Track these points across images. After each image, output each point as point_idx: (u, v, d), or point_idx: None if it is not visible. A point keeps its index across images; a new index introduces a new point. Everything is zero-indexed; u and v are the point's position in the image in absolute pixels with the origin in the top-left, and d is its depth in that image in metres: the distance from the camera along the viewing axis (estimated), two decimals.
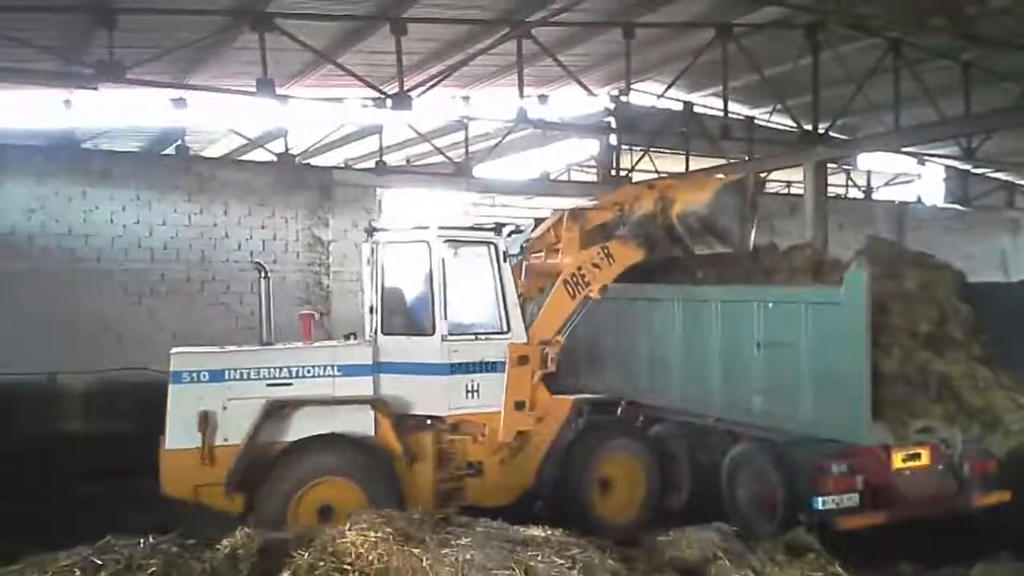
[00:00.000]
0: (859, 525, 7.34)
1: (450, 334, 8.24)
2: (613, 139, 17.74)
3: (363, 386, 8.09)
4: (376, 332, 8.35)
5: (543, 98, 15.83)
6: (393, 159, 17.57)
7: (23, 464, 10.10)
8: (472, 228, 9.64)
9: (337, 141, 17.42)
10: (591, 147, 18.98)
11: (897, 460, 7.61)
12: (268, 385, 7.88)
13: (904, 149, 16.96)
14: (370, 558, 3.95)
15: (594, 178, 19.20)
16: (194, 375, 7.74)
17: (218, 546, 4.13)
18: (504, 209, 22.27)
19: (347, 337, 8.75)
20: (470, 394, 8.33)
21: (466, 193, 19.35)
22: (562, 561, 4.00)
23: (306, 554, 3.94)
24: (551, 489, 8.56)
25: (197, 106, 12.80)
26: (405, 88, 12.03)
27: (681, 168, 17.71)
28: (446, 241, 8.43)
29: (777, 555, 4.79)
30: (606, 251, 9.14)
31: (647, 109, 16.65)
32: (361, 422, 7.94)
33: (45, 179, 12.91)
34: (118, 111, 13.71)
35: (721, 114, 14.76)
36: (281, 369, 7.95)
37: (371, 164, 16.33)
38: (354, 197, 15.05)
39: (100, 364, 12.17)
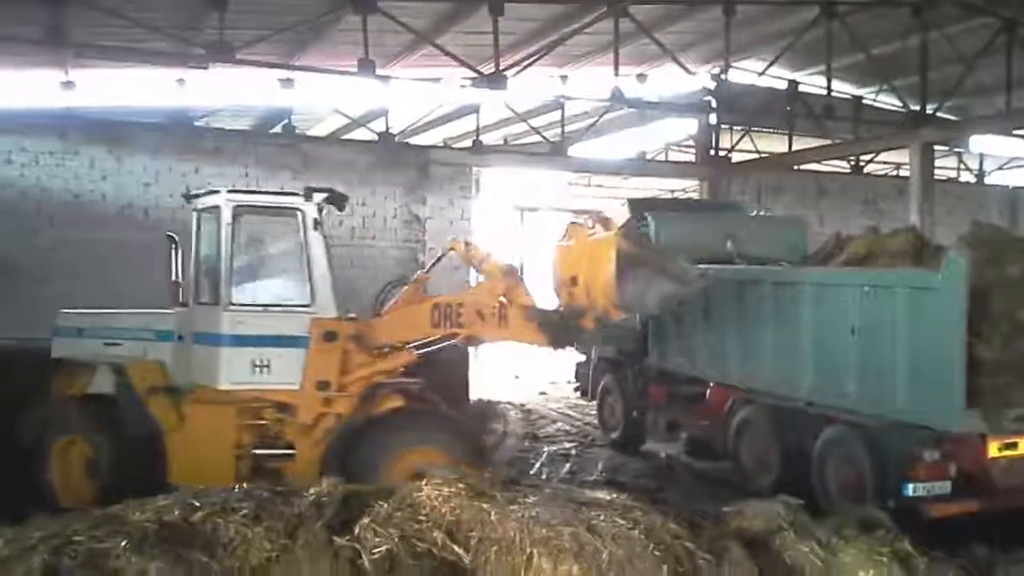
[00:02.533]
0: (950, 513, 7.22)
1: (236, 304, 7.87)
2: (712, 118, 17.47)
3: (164, 352, 8.13)
4: (190, 300, 8.27)
5: (641, 77, 15.70)
6: (490, 138, 17.76)
7: None
8: (280, 193, 9.02)
9: (435, 121, 17.70)
10: (689, 126, 18.74)
11: (993, 449, 7.39)
12: (105, 344, 8.38)
13: (1016, 132, 16.17)
14: (443, 510, 4.19)
15: (692, 158, 18.99)
16: (67, 331, 8.69)
17: (304, 493, 4.41)
18: (600, 189, 22.29)
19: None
20: (257, 368, 7.78)
21: (562, 173, 19.48)
22: (624, 522, 4.13)
23: (385, 504, 4.18)
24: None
25: (303, 86, 13.20)
26: (501, 68, 12.14)
27: (784, 147, 17.33)
28: (238, 206, 8.05)
29: (845, 529, 4.77)
30: (503, 313, 8.11)
31: (748, 87, 16.32)
32: (106, 384, 8.18)
33: (160, 155, 13.62)
34: (228, 90, 14.27)
35: (825, 93, 14.37)
36: (116, 331, 8.40)
37: (468, 143, 16.58)
38: (451, 176, 15.34)
39: None
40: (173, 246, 8.59)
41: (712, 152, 17.41)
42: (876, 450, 7.79)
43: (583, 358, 13.51)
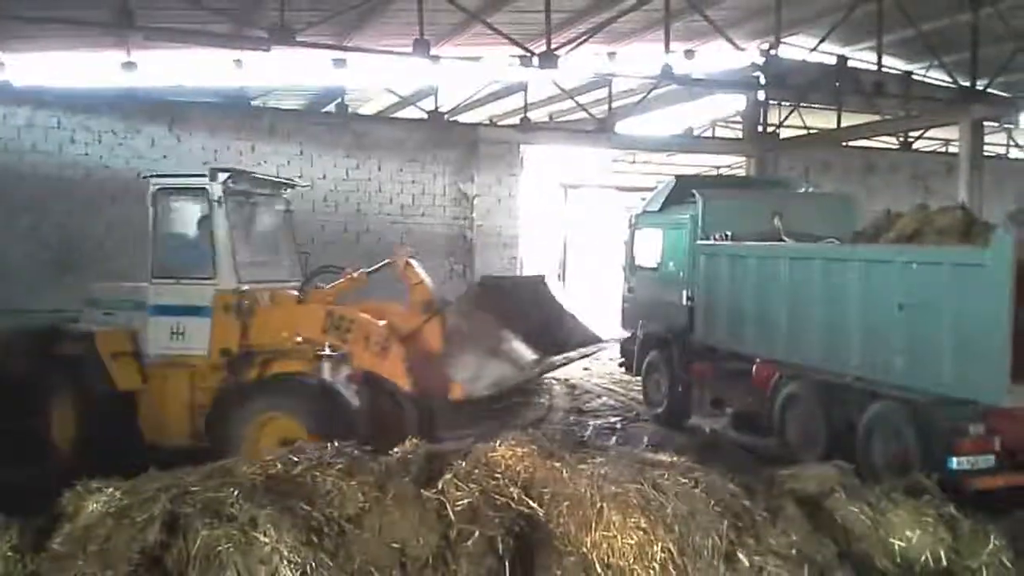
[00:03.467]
0: (994, 486, 7.32)
1: (157, 277, 8.63)
2: (761, 94, 17.46)
3: (139, 322, 8.77)
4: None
5: (689, 53, 15.74)
6: (537, 116, 17.92)
7: None
8: (188, 175, 9.38)
9: (483, 99, 17.91)
10: (737, 102, 18.74)
11: None
12: (104, 314, 9.08)
13: None
14: (518, 469, 4.49)
15: (739, 134, 19.01)
16: (87, 303, 9.39)
17: (391, 452, 4.77)
18: (645, 166, 22.37)
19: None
20: (175, 336, 8.50)
21: (608, 150, 19.60)
22: (686, 481, 4.39)
23: (463, 463, 4.51)
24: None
25: (355, 66, 13.50)
26: (552, 46, 12.31)
27: (832, 124, 17.30)
28: (159, 188, 8.74)
29: (893, 493, 5.00)
30: (386, 346, 7.94)
31: (797, 63, 16.29)
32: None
33: (218, 133, 14.02)
34: (284, 71, 14.62)
35: (875, 69, 14.34)
36: (110, 303, 9.12)
37: (515, 121, 16.78)
38: (498, 153, 15.56)
39: None
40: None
41: (760, 128, 17.42)
42: (922, 425, 7.90)
43: (628, 334, 13.70)
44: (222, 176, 8.54)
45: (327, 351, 8.06)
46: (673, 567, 4.05)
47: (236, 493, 4.16)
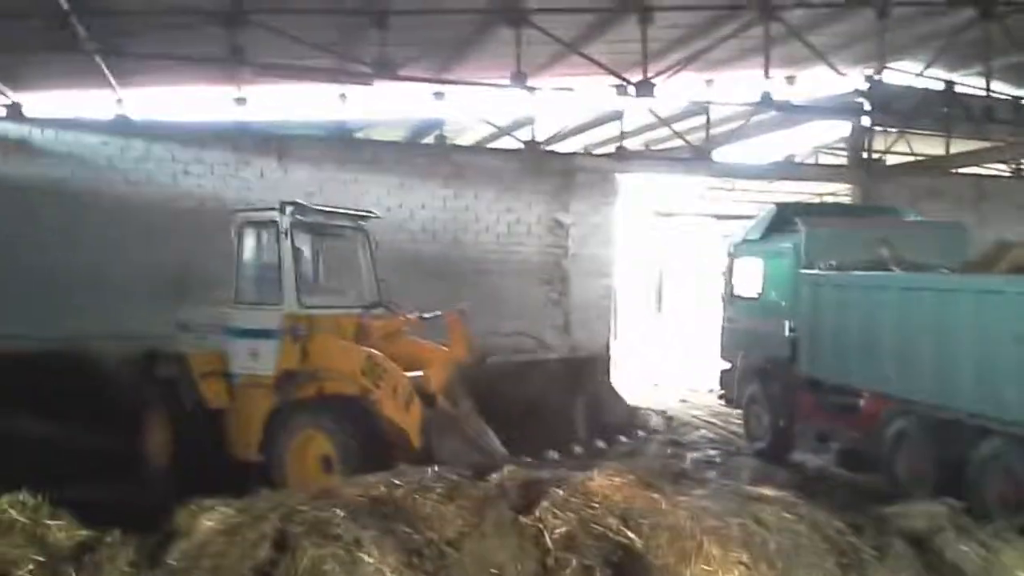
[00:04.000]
0: None
1: (239, 302, 9.39)
2: (865, 120, 17.04)
3: (224, 344, 9.40)
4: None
5: (790, 79, 15.52)
6: (633, 144, 17.91)
7: None
8: (264, 208, 9.86)
9: (579, 128, 18.00)
10: (841, 129, 18.33)
11: None
12: (196, 338, 9.69)
13: None
14: (616, 498, 4.48)
15: (843, 161, 18.57)
16: (178, 327, 10.05)
17: (488, 478, 4.83)
18: (743, 194, 22.05)
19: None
20: (253, 356, 9.07)
21: (705, 177, 19.40)
22: (790, 516, 4.30)
23: (561, 491, 4.53)
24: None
25: (454, 98, 13.77)
26: (648, 75, 12.31)
27: (941, 150, 16.75)
28: (242, 221, 9.68)
29: (1006, 532, 4.78)
30: (409, 400, 8.20)
31: (903, 89, 15.87)
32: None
33: (323, 165, 14.44)
34: (386, 104, 15.02)
35: (984, 94, 13.84)
36: (200, 326, 9.77)
37: (611, 149, 16.79)
38: (594, 182, 15.57)
39: None
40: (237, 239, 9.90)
41: (865, 155, 16.98)
42: None
43: (728, 365, 13.49)
44: (289, 208, 9.19)
45: None
46: None
47: (341, 514, 4.27)
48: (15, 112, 13.17)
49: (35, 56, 11.72)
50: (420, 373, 8.47)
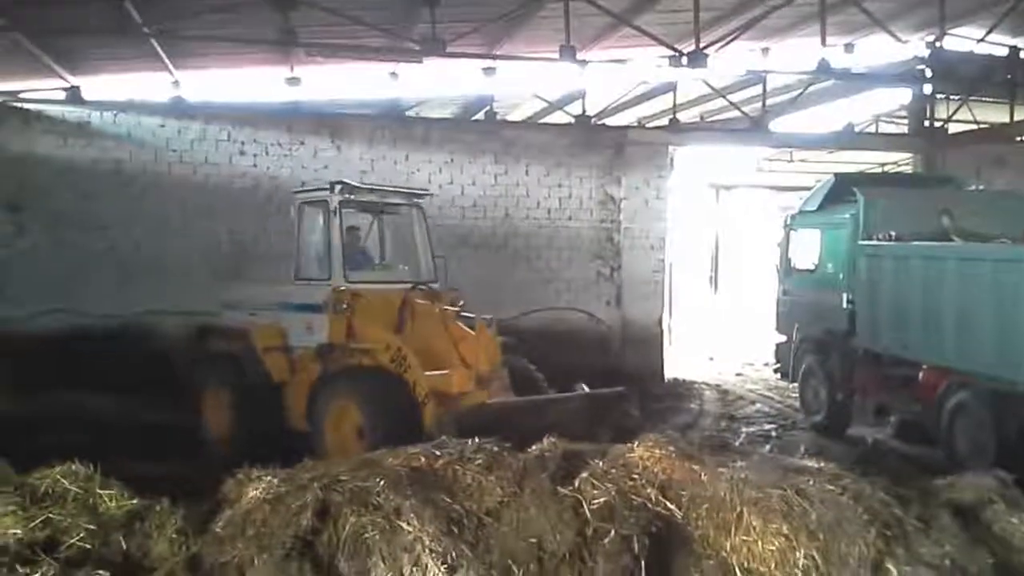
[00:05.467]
0: None
1: (299, 278, 9.77)
2: (927, 88, 16.53)
3: (284, 319, 9.73)
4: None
5: (848, 47, 15.12)
6: (687, 116, 17.66)
7: None
8: (317, 188, 10.24)
9: (631, 101, 17.79)
10: (902, 97, 17.82)
11: None
12: (249, 314, 9.98)
13: None
14: (655, 470, 4.48)
15: (904, 129, 18.07)
16: (228, 304, 10.46)
17: (529, 450, 4.87)
18: (801, 164, 21.62)
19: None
20: (308, 330, 9.36)
21: (762, 148, 19.07)
22: (833, 488, 4.24)
23: (600, 462, 4.53)
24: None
25: (504, 74, 13.72)
26: (701, 45, 12.11)
27: (1005, 118, 16.19)
28: (300, 201, 10.07)
29: None
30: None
31: (965, 55, 15.35)
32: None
33: (375, 144, 14.54)
34: (437, 81, 15.05)
35: None
36: (255, 303, 10.10)
37: (663, 122, 16.58)
38: (646, 155, 15.38)
39: None
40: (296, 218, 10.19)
41: (926, 123, 16.49)
42: None
43: (784, 339, 13.31)
44: (337, 188, 9.59)
45: None
46: (817, 574, 3.92)
47: (382, 483, 4.34)
48: (74, 96, 13.50)
49: (93, 39, 12.00)
50: (445, 373, 8.68)
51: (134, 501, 4.61)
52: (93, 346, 12.30)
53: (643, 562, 3.98)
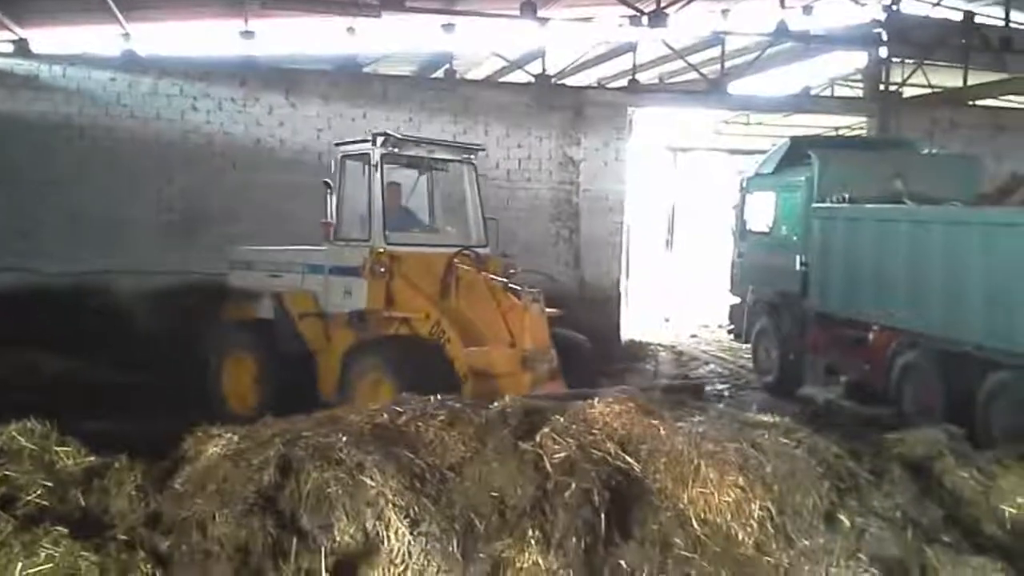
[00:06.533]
0: None
1: (337, 239, 8.97)
2: (883, 51, 16.70)
3: (315, 283, 9.11)
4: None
5: (807, 9, 15.19)
6: (646, 77, 17.63)
7: None
8: (360, 141, 9.30)
9: (590, 61, 17.72)
10: (858, 60, 17.99)
11: None
12: (269, 276, 9.57)
13: None
14: (615, 425, 4.56)
15: (859, 93, 18.27)
16: (239, 265, 10.08)
17: (490, 406, 4.91)
18: (759, 127, 21.76)
19: None
20: (346, 295, 8.75)
21: (720, 111, 19.14)
22: (787, 441, 4.35)
23: (561, 418, 4.59)
24: None
25: (464, 31, 13.56)
26: (661, 4, 12.07)
27: (958, 82, 16.44)
28: (341, 155, 9.16)
29: (1005, 459, 4.83)
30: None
31: (921, 19, 15.51)
32: (268, 310, 9.22)
33: (331, 101, 14.31)
34: (395, 37, 14.82)
35: (1003, 24, 13.51)
36: (276, 264, 9.62)
37: (623, 83, 16.55)
38: (606, 116, 15.34)
39: None
40: (328, 190, 9.29)
41: (882, 87, 16.68)
42: None
43: (738, 300, 13.50)
44: (380, 140, 8.79)
45: None
46: (771, 525, 4.04)
47: (344, 439, 4.35)
48: (22, 48, 13.09)
49: None
50: (486, 350, 8.06)
51: (91, 458, 4.56)
52: (47, 304, 12.05)
53: (603, 514, 4.06)
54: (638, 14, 12.07)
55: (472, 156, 9.78)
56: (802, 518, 4.04)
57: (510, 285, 8.34)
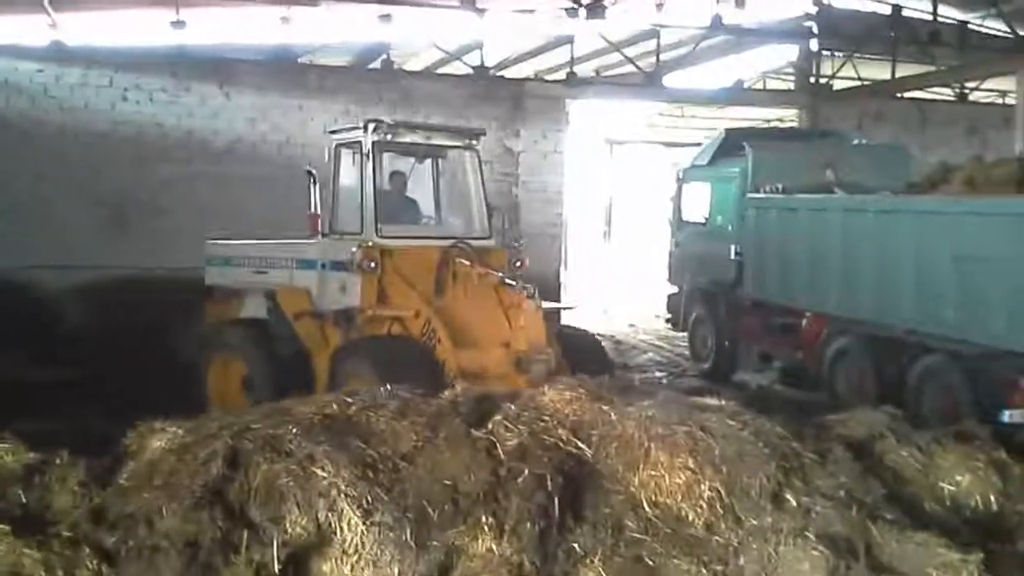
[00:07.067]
0: None
1: (333, 231, 8.32)
2: (813, 44, 17.07)
3: (308, 279, 8.44)
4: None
5: (740, 3, 15.40)
6: (583, 70, 17.73)
7: None
8: (353, 128, 8.75)
9: (529, 53, 17.76)
10: (789, 53, 18.36)
11: None
12: (253, 272, 8.98)
13: None
14: (566, 412, 4.60)
15: (791, 86, 18.65)
16: (216, 260, 9.47)
17: (441, 395, 4.90)
18: (693, 120, 22.08)
19: None
20: (341, 291, 8.12)
21: (655, 104, 19.36)
22: (734, 423, 4.45)
23: (512, 405, 4.62)
24: None
25: (401, 21, 13.44)
26: None
27: (886, 75, 16.90)
28: (336, 143, 8.60)
29: (943, 439, 5.01)
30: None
31: (850, 13, 15.89)
32: (262, 309, 8.57)
33: (267, 91, 14.09)
34: (331, 27, 14.61)
35: (931, 18, 13.93)
36: (262, 260, 8.98)
37: (561, 76, 16.62)
38: (544, 109, 15.41)
39: None
40: (312, 180, 8.75)
41: (812, 80, 17.07)
42: (974, 378, 7.88)
43: (676, 290, 13.68)
44: (371, 126, 8.26)
45: None
46: (720, 506, 4.12)
47: (294, 431, 4.31)
48: None
49: None
50: (476, 352, 7.64)
51: (32, 455, 4.43)
52: None
53: (556, 499, 4.09)
54: (576, 6, 12.12)
55: (474, 141, 9.11)
56: (750, 498, 4.14)
57: (506, 280, 7.86)
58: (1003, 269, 7.62)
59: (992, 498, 4.69)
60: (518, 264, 8.60)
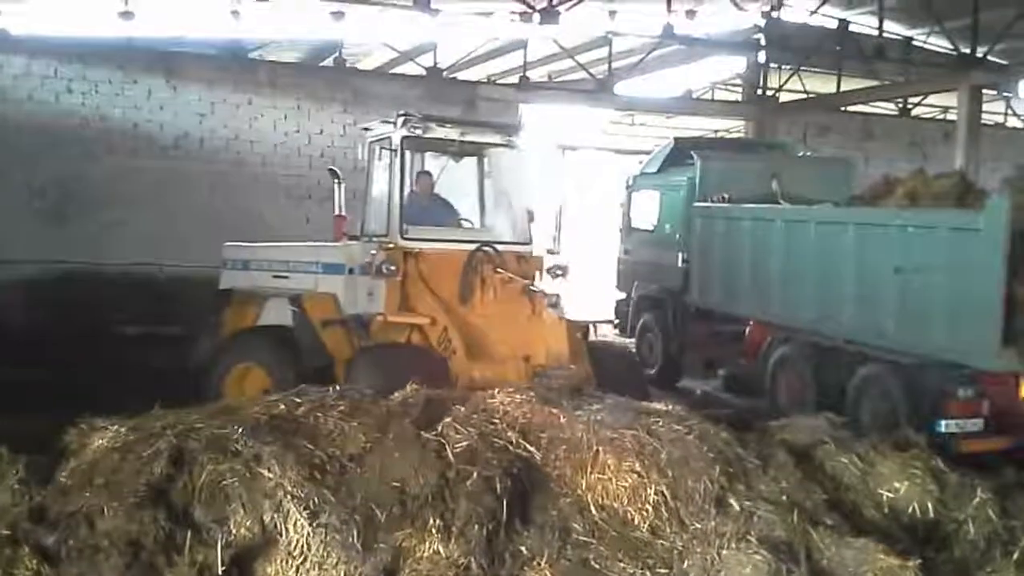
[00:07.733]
0: (981, 449, 7.42)
1: (363, 234, 7.96)
2: (762, 56, 17.36)
3: (335, 284, 7.92)
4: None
5: (691, 13, 15.61)
6: (536, 75, 17.80)
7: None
8: (387, 122, 8.14)
9: (482, 56, 17.76)
10: (737, 65, 18.65)
11: None
12: (273, 276, 8.51)
13: None
14: (516, 415, 4.63)
15: (739, 97, 18.94)
16: (232, 263, 9.07)
17: (391, 396, 4.88)
18: (643, 128, 22.27)
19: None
20: (370, 297, 7.70)
21: (606, 111, 19.50)
22: (680, 428, 4.52)
23: (462, 408, 4.62)
24: None
25: (354, 19, 13.35)
26: (553, 2, 12.19)
27: (832, 88, 17.26)
28: (371, 140, 8.14)
29: (882, 446, 5.14)
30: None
31: (799, 26, 16.20)
32: (284, 315, 7.98)
33: (215, 87, 13.92)
34: (282, 23, 14.45)
35: (876, 33, 14.26)
36: (284, 263, 8.52)
37: (514, 80, 16.66)
38: (496, 112, 15.42)
39: None
40: (336, 180, 8.51)
41: (760, 91, 17.36)
42: (911, 387, 8.02)
43: (624, 296, 13.78)
44: (400, 120, 7.72)
45: None
46: (666, 509, 4.19)
47: (240, 430, 4.26)
48: None
49: None
50: (492, 364, 7.29)
51: None
52: None
53: (504, 502, 4.11)
54: (530, 11, 12.15)
55: (513, 138, 8.49)
56: (694, 502, 4.21)
57: (531, 288, 7.61)
58: (942, 281, 7.80)
59: (929, 505, 4.82)
60: (559, 273, 8.32)
